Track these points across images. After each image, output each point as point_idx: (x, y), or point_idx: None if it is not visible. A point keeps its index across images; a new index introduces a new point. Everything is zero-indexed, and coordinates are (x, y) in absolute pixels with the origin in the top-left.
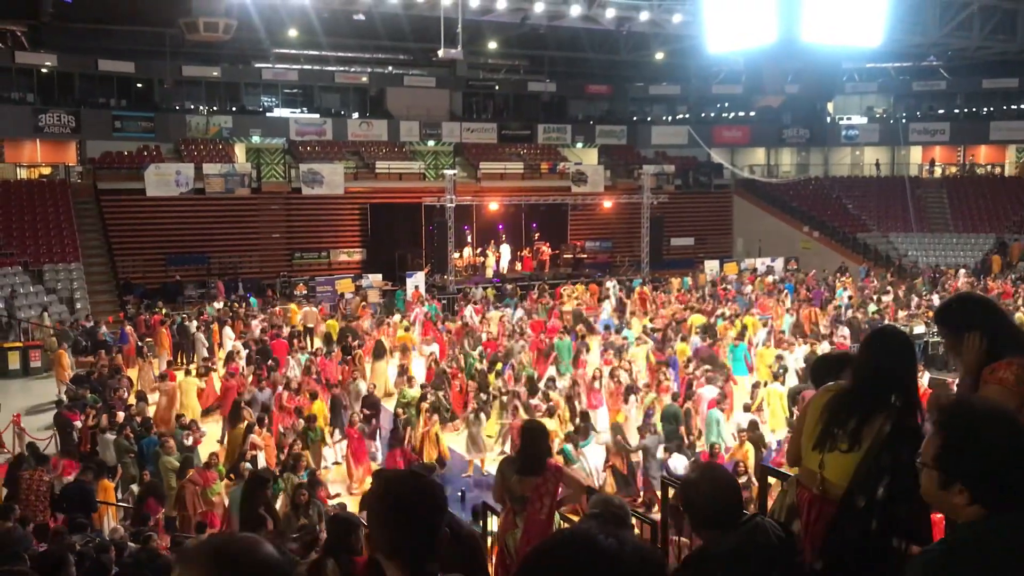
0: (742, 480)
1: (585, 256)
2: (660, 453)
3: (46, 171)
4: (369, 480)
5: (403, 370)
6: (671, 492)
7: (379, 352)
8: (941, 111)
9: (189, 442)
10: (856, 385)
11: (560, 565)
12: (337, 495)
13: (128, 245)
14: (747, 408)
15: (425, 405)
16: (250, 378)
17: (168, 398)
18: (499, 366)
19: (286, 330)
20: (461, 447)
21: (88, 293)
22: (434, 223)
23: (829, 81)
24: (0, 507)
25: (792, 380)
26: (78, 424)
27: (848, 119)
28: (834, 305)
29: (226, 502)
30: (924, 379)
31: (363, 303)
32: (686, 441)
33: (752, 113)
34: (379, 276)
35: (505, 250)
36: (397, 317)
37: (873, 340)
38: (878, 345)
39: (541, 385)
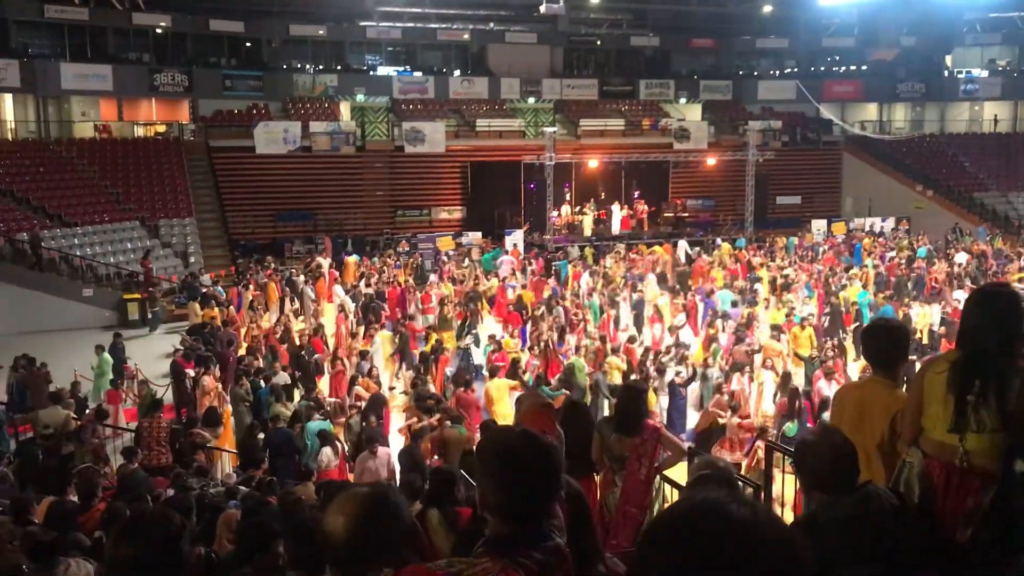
0: None
1: (687, 215)
2: None
3: (161, 129)
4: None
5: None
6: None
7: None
8: None
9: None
10: (979, 351)
11: (692, 534)
12: None
13: (238, 201)
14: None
15: None
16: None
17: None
18: None
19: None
20: None
21: (201, 248)
22: (533, 181)
23: (948, 32)
24: (125, 448)
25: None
26: (191, 372)
27: (968, 72)
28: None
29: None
30: None
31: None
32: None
33: (864, 67)
34: (478, 234)
35: (616, 210)
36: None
37: (986, 300)
38: (992, 304)
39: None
